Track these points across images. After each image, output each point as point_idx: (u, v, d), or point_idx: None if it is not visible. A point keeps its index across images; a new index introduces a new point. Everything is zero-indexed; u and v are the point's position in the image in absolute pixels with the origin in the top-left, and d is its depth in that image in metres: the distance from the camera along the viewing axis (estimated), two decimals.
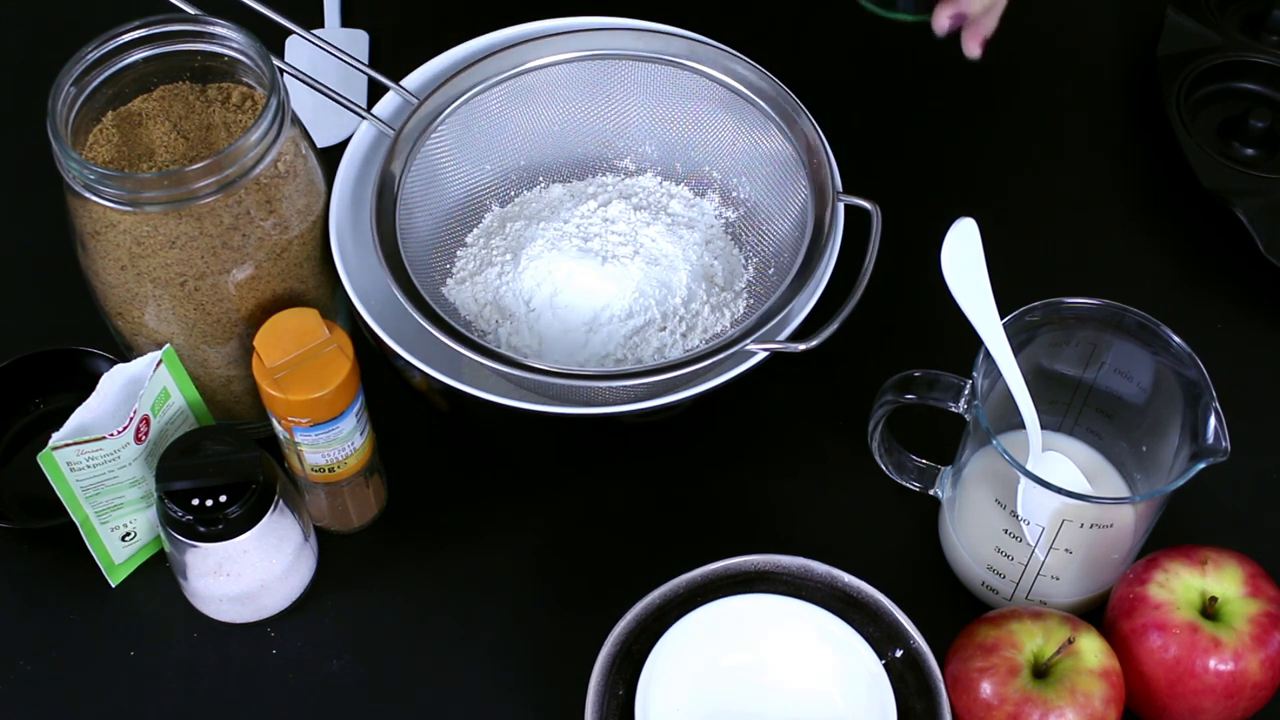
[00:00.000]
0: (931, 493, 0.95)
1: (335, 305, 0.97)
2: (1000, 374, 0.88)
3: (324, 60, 1.01)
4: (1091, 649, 0.86)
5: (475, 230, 1.02)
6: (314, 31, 0.98)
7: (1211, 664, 0.85)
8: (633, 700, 0.86)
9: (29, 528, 0.96)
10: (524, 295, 0.97)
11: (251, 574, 0.90)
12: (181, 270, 0.89)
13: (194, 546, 0.88)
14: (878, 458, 0.94)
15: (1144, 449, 0.92)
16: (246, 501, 0.87)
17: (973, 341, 0.88)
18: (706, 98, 1.01)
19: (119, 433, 0.88)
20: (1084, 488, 0.91)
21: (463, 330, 0.91)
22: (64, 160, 0.86)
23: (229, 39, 0.91)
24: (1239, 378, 0.99)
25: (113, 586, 0.95)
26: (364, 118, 1.00)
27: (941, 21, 0.98)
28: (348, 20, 1.18)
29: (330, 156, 0.97)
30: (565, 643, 0.93)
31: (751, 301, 0.99)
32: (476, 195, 1.03)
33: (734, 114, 1.00)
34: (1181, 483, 0.85)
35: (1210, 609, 0.87)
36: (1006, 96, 1.18)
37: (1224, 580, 0.87)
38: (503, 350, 0.93)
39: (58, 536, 0.93)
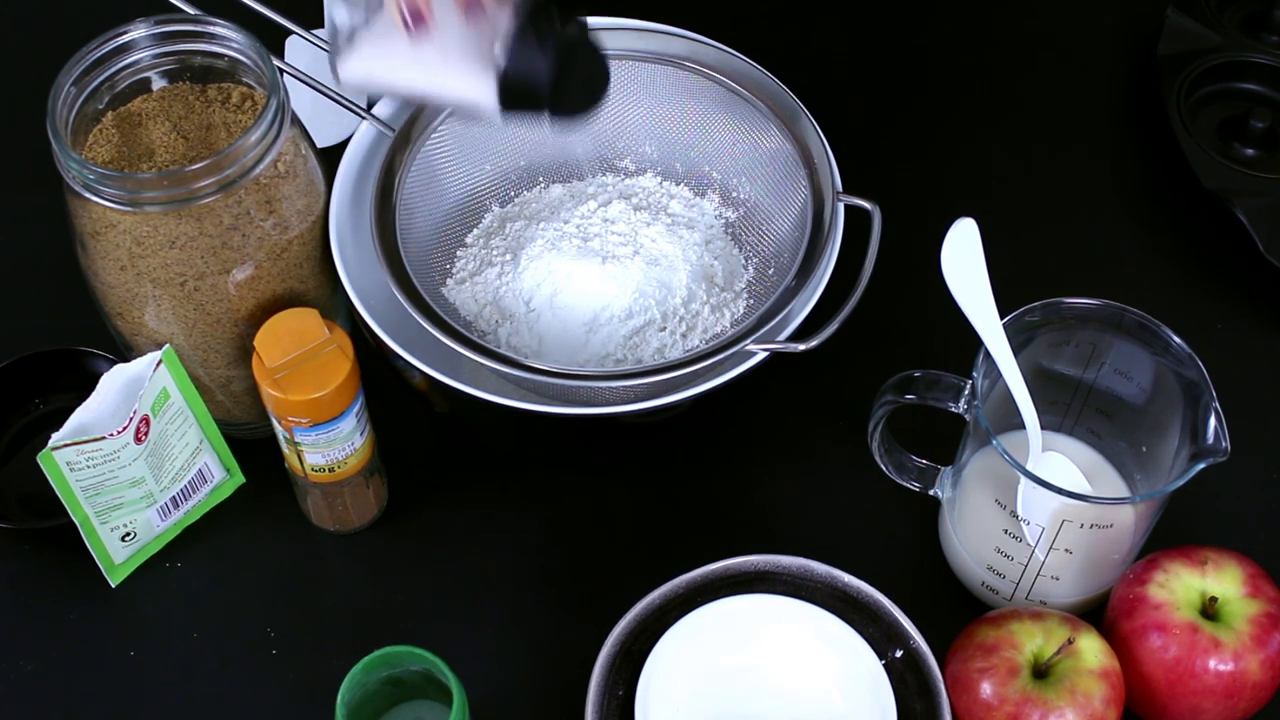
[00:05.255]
0: (931, 493, 0.95)
1: (335, 305, 0.97)
2: (1000, 374, 0.88)
3: (324, 60, 1.00)
4: (1091, 649, 0.86)
5: (475, 230, 1.02)
6: (314, 31, 0.98)
7: (1211, 664, 0.85)
8: (633, 700, 0.86)
9: (29, 528, 0.96)
10: (524, 295, 0.97)
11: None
12: (181, 270, 0.89)
13: None
14: (878, 458, 0.94)
15: (1144, 449, 0.92)
16: None
17: (973, 341, 0.88)
18: (706, 98, 1.01)
19: (119, 433, 0.88)
20: (1084, 488, 0.91)
21: (463, 330, 0.91)
22: (64, 160, 0.86)
23: (229, 39, 0.91)
24: (1239, 378, 0.99)
25: (113, 586, 0.95)
26: (364, 118, 1.00)
27: None
28: None
29: (330, 156, 0.98)
30: (565, 643, 0.93)
31: (751, 301, 0.99)
32: (476, 195, 1.03)
33: (734, 114, 1.00)
34: (1181, 483, 0.85)
35: (1210, 609, 0.87)
36: (1006, 96, 1.18)
37: (1224, 580, 0.87)
38: (503, 350, 0.93)
39: (58, 536, 0.93)
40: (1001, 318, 0.87)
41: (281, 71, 0.92)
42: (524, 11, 0.79)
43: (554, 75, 0.79)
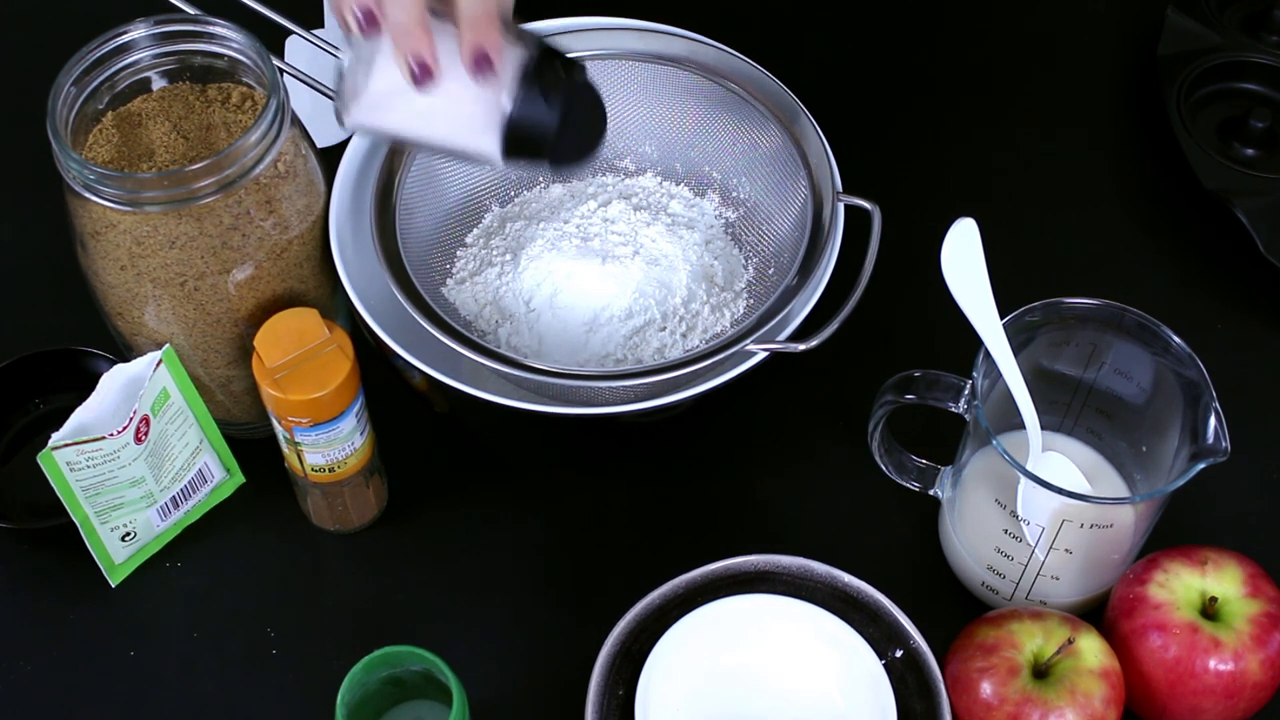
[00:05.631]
0: (931, 493, 0.95)
1: (335, 305, 0.97)
2: (1000, 374, 0.88)
3: (324, 60, 1.01)
4: (1091, 649, 0.86)
5: (475, 230, 1.02)
6: (314, 31, 0.98)
7: (1211, 664, 0.85)
8: (633, 700, 0.86)
9: (29, 528, 0.96)
10: (524, 295, 0.97)
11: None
12: (181, 270, 0.89)
13: None
14: (878, 458, 0.94)
15: (1144, 449, 0.92)
16: None
17: (973, 341, 0.88)
18: (706, 98, 1.01)
19: (119, 433, 0.88)
20: (1084, 488, 0.91)
21: (463, 330, 0.91)
22: (64, 160, 0.86)
23: (229, 39, 0.91)
24: (1239, 378, 0.99)
25: (113, 586, 0.95)
26: None
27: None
28: None
29: (330, 156, 0.98)
30: (565, 643, 0.93)
31: (751, 301, 0.99)
32: (476, 195, 1.03)
33: (734, 114, 1.00)
34: (1181, 483, 0.85)
35: (1210, 609, 0.87)
36: (1007, 96, 1.18)
37: (1224, 580, 0.87)
38: (503, 350, 0.93)
39: (58, 536, 0.93)
40: (1001, 318, 0.87)
41: (281, 71, 0.92)
42: (530, 62, 0.80)
43: (560, 126, 0.80)
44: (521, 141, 0.81)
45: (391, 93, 0.81)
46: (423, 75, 0.79)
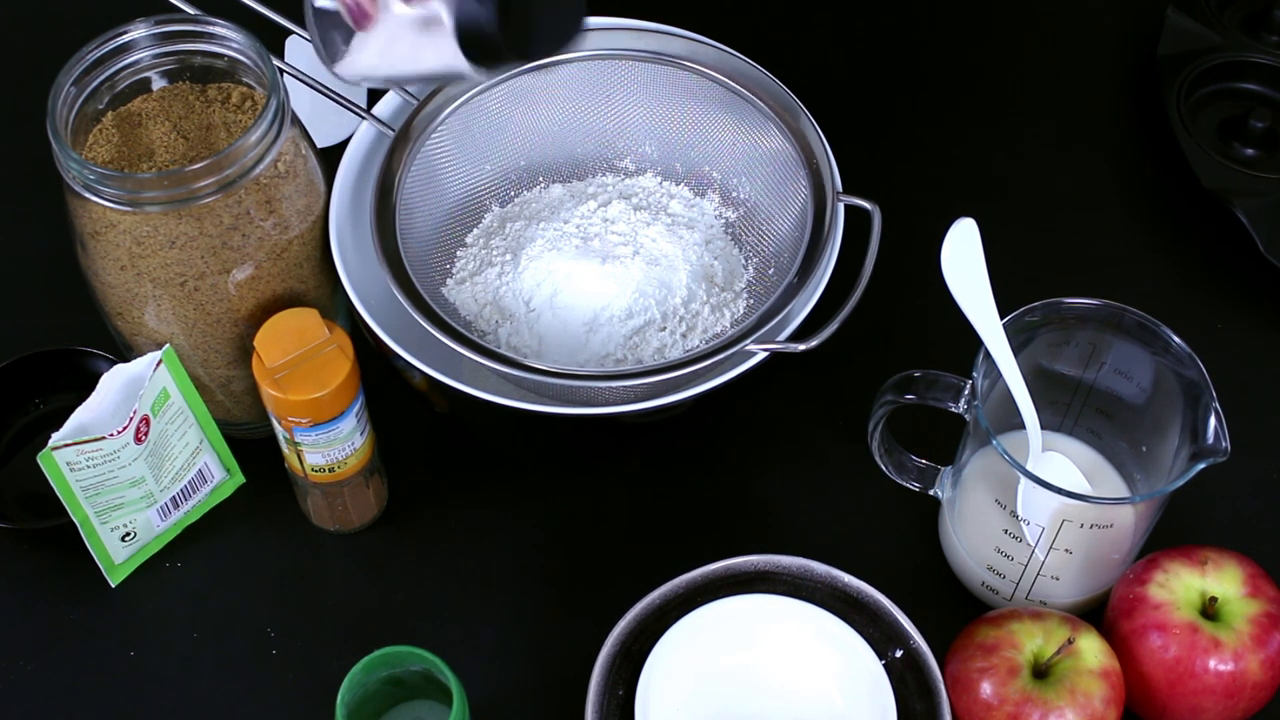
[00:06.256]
0: (931, 493, 0.95)
1: (335, 305, 0.97)
2: (1000, 374, 0.88)
3: None
4: (1091, 649, 0.86)
5: (475, 230, 1.02)
6: None
7: (1211, 664, 0.85)
8: (633, 700, 0.87)
9: (29, 528, 0.96)
10: (524, 295, 0.97)
11: None
12: (181, 270, 0.89)
13: None
14: (878, 458, 0.94)
15: (1144, 449, 0.92)
16: None
17: (973, 341, 0.88)
18: (706, 98, 1.01)
19: (119, 433, 0.88)
20: (1084, 488, 0.91)
21: (463, 330, 0.91)
22: (64, 160, 0.86)
23: (229, 39, 0.91)
24: (1239, 378, 0.99)
25: (113, 586, 0.95)
26: (364, 118, 1.00)
27: None
28: None
29: (330, 156, 0.98)
30: (565, 643, 0.93)
31: (751, 301, 0.99)
32: (476, 195, 1.03)
33: (734, 114, 1.00)
34: (1181, 483, 0.85)
35: (1210, 609, 0.87)
36: (1007, 96, 1.18)
37: (1224, 580, 0.87)
38: (503, 350, 0.93)
39: (58, 536, 0.93)
40: (1001, 318, 0.87)
41: (281, 71, 0.92)
42: None
43: (500, 16, 0.77)
44: (474, 43, 0.78)
45: (363, 37, 0.80)
46: (360, 17, 0.79)
